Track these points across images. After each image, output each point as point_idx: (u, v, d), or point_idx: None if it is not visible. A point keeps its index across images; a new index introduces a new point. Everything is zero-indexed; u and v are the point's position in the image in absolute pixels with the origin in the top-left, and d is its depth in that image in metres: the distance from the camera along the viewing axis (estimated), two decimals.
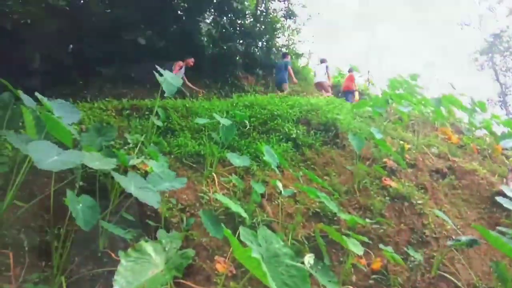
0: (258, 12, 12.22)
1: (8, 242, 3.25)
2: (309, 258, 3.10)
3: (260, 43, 12.51)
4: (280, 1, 12.77)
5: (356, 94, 11.79)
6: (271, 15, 12.35)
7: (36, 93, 3.60)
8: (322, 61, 12.03)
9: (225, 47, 11.07)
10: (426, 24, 44.26)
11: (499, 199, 4.72)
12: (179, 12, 11.20)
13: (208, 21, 11.30)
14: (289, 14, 12.78)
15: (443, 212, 5.13)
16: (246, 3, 11.92)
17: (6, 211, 3.37)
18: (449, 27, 42.70)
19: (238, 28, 12.13)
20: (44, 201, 3.70)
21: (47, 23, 8.59)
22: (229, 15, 11.59)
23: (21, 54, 8.50)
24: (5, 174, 3.61)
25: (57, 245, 3.03)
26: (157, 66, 5.24)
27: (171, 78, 5.29)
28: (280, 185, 4.29)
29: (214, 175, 4.86)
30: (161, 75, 5.20)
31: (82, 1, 10.30)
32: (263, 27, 12.02)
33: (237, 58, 11.29)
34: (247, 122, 6.10)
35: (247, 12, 12.00)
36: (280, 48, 12.68)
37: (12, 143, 3.30)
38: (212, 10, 11.80)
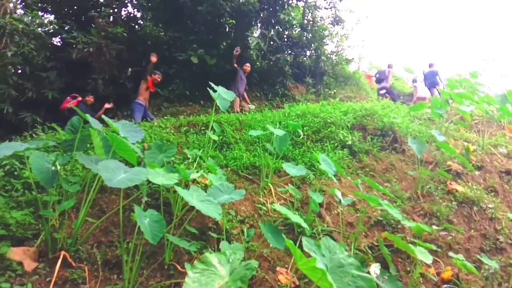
0: (305, 21, 12.21)
1: (83, 257, 3.47)
2: (375, 268, 3.00)
3: (308, 52, 12.48)
4: (327, 9, 12.67)
5: None
6: (318, 23, 12.29)
7: (103, 116, 3.84)
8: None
9: (273, 59, 11.18)
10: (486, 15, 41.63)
11: None
12: (227, 29, 11.50)
13: (256, 35, 11.48)
14: (337, 21, 12.63)
15: None
16: (292, 14, 11.97)
17: (80, 228, 3.61)
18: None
19: (285, 39, 12.19)
20: (113, 217, 3.94)
21: (107, 50, 9.21)
22: (276, 27, 11.71)
23: (85, 80, 9.17)
24: (77, 193, 3.88)
25: (127, 258, 3.18)
26: (210, 83, 5.40)
27: (224, 93, 5.42)
28: (338, 193, 4.20)
29: (271, 185, 4.87)
30: (214, 91, 5.35)
31: (137, 27, 10.94)
32: (310, 35, 11.98)
33: (286, 68, 11.33)
34: (300, 132, 6.07)
35: (294, 23, 12.05)
36: (329, 55, 12.55)
37: (83, 163, 3.55)
38: (260, 23, 11.98)
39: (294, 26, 12.22)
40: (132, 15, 11.21)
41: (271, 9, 11.44)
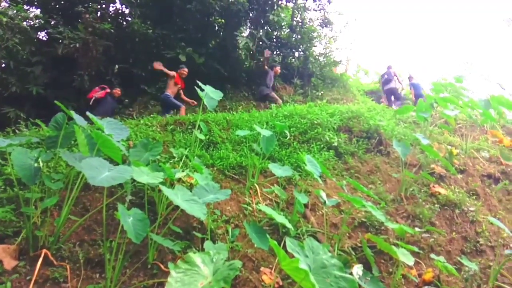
0: (294, 22, 12.26)
1: (65, 255, 3.42)
2: (357, 269, 3.03)
3: (296, 53, 12.52)
4: (316, 10, 12.74)
5: None
6: (307, 25, 12.35)
7: (88, 113, 3.80)
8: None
9: (262, 59, 11.20)
10: (466, 21, 42.32)
11: None
12: (216, 28, 11.47)
13: (245, 34, 11.47)
14: (325, 23, 12.71)
15: (498, 219, 4.87)
16: (282, 14, 11.99)
17: (63, 226, 3.56)
18: (493, 24, 40.58)
19: (274, 40, 12.22)
20: (96, 215, 3.89)
21: (94, 46, 9.09)
22: (265, 28, 11.71)
23: (71, 76, 9.03)
24: (60, 191, 3.82)
25: (110, 257, 3.15)
26: (198, 82, 5.38)
27: (211, 92, 5.41)
28: (323, 194, 4.23)
29: (256, 186, 4.88)
30: (202, 90, 5.33)
31: (125, 23, 10.83)
32: (299, 37, 12.04)
33: None
34: (287, 132, 6.09)
35: (283, 24, 12.08)
36: (317, 57, 12.62)
37: (67, 161, 3.50)
38: (249, 23, 11.98)
39: (283, 27, 12.26)
40: (120, 11, 11.09)
41: (260, 9, 11.45)
